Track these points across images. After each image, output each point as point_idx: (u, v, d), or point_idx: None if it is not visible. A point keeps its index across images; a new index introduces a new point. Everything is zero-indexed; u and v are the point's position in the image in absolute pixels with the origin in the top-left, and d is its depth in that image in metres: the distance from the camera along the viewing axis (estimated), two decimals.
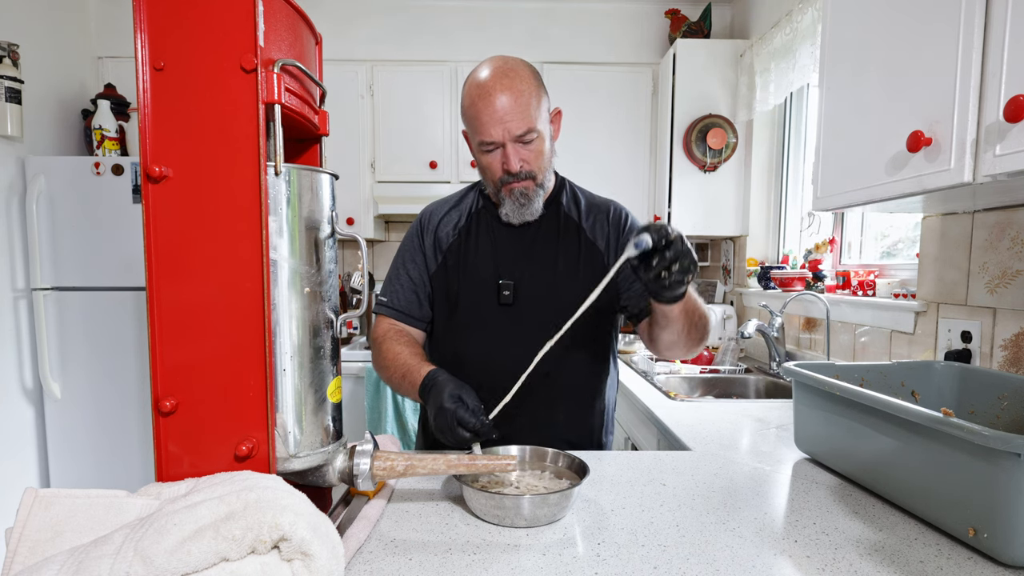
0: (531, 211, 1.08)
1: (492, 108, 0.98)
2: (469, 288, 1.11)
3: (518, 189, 1.05)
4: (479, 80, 1.01)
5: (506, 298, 1.09)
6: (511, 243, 1.13)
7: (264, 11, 0.65)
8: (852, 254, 2.05)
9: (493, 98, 0.98)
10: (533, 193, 1.06)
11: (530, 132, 1.00)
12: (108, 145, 2.42)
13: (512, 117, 0.98)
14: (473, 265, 1.12)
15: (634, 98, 2.76)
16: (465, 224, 1.15)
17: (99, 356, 2.30)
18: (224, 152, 0.65)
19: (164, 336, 0.66)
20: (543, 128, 1.03)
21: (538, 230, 1.13)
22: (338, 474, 0.78)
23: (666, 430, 1.36)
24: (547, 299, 1.09)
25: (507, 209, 1.08)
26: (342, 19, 2.75)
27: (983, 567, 0.69)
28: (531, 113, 1.00)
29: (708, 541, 0.75)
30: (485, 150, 1.03)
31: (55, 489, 0.61)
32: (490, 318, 1.10)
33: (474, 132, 1.04)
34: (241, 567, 0.54)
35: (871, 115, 1.10)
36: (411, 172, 2.72)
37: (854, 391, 0.89)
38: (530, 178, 1.04)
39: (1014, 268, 1.20)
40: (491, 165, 1.04)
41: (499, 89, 0.98)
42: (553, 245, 1.12)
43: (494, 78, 1.00)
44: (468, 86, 1.03)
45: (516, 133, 1.00)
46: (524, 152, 1.02)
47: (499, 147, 1.02)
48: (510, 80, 0.99)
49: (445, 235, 1.15)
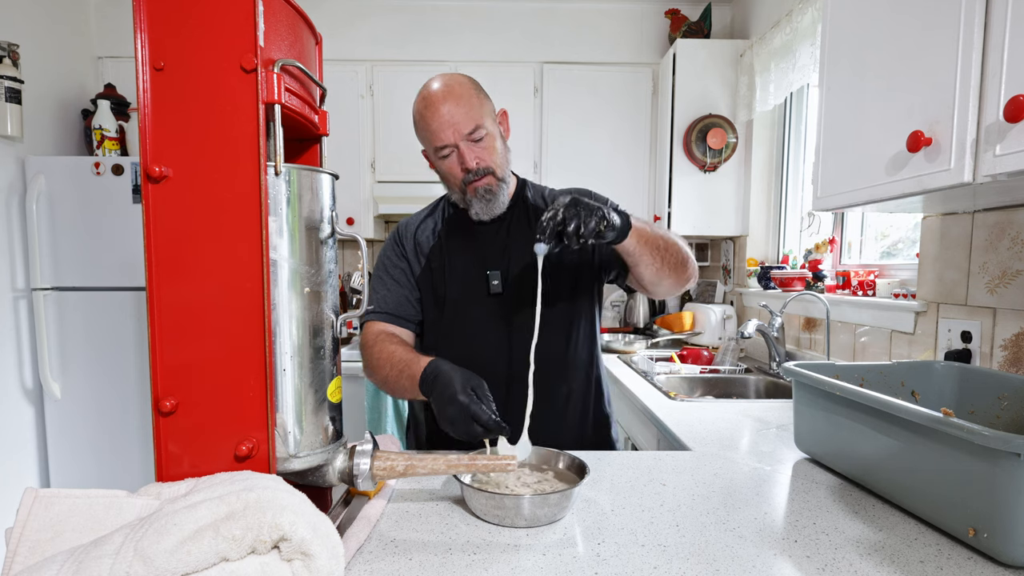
0: (498, 205, 1.13)
1: (439, 115, 1.06)
2: (457, 283, 1.15)
3: (481, 187, 1.10)
4: (423, 96, 1.09)
5: (495, 287, 1.13)
6: (489, 237, 1.18)
7: (264, 11, 0.65)
8: (852, 254, 2.05)
9: (438, 106, 1.06)
10: (496, 188, 1.12)
11: (478, 129, 1.07)
12: (108, 145, 2.42)
13: (459, 119, 1.06)
14: (457, 262, 1.16)
15: (634, 98, 2.76)
16: (443, 227, 1.21)
17: (99, 356, 2.30)
18: (224, 152, 0.65)
19: (164, 336, 0.66)
20: (491, 128, 1.10)
21: (511, 223, 1.18)
22: (338, 474, 0.78)
23: (666, 430, 1.36)
24: (533, 280, 1.10)
25: (476, 208, 1.13)
26: (342, 19, 2.75)
27: (983, 567, 0.69)
28: (475, 113, 1.07)
29: (708, 541, 0.75)
30: (442, 156, 1.09)
31: (55, 489, 0.61)
32: (482, 309, 1.14)
33: (429, 142, 1.10)
34: (241, 567, 0.54)
35: (871, 115, 1.10)
36: (411, 172, 2.72)
37: (854, 391, 0.89)
38: (489, 173, 1.10)
39: (1014, 268, 1.20)
40: (451, 169, 1.10)
41: (442, 99, 1.06)
42: (526, 233, 1.16)
43: (436, 91, 1.08)
44: (415, 105, 1.11)
45: (465, 131, 1.06)
46: (477, 150, 1.08)
47: (453, 149, 1.08)
48: (450, 89, 1.08)
49: (425, 239, 1.20)
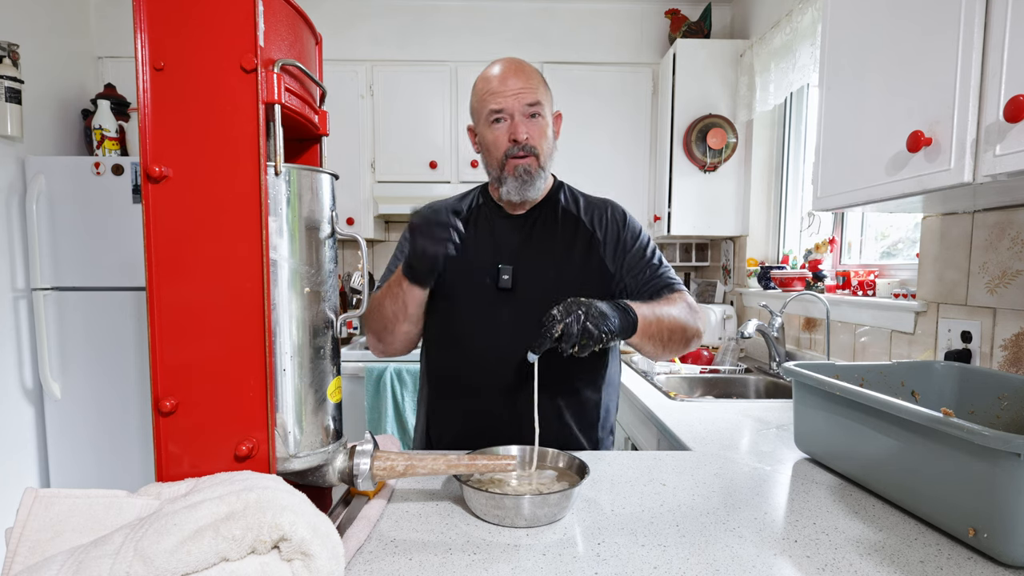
0: (533, 189, 1.11)
1: (505, 82, 1.07)
2: (468, 274, 1.13)
3: (522, 165, 1.09)
4: (492, 65, 1.11)
5: (505, 282, 1.11)
6: (510, 231, 1.16)
7: (264, 11, 0.65)
8: (852, 254, 2.05)
9: (507, 74, 1.08)
10: (536, 171, 1.10)
11: (537, 105, 1.08)
12: (108, 145, 2.42)
13: (522, 90, 1.07)
14: (472, 253, 1.14)
15: (634, 98, 2.76)
16: (465, 217, 1.18)
17: (99, 356, 2.30)
18: (224, 152, 0.65)
19: (164, 336, 0.66)
20: (547, 115, 1.11)
21: (536, 220, 1.16)
22: (338, 474, 0.78)
23: (666, 430, 1.36)
24: (545, 283, 1.11)
25: (508, 187, 1.11)
26: (342, 19, 2.75)
27: (983, 567, 0.69)
28: (538, 94, 1.09)
29: (708, 541, 0.75)
30: (493, 120, 1.09)
31: (55, 489, 0.61)
32: (489, 303, 1.12)
33: (485, 105, 1.09)
34: (241, 567, 0.54)
35: (871, 115, 1.10)
36: (411, 172, 2.72)
37: (854, 391, 0.89)
38: (534, 154, 1.09)
39: (1014, 268, 1.20)
40: (498, 139, 1.09)
41: (512, 71, 1.08)
42: (552, 233, 1.15)
43: (507, 63, 1.10)
44: (481, 74, 1.12)
45: (525, 102, 1.07)
46: (530, 125, 1.08)
47: (508, 118, 1.08)
48: (521, 67, 1.10)
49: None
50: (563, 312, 0.90)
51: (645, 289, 1.14)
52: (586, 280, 1.12)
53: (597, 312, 0.91)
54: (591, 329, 0.89)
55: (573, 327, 0.88)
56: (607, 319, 0.91)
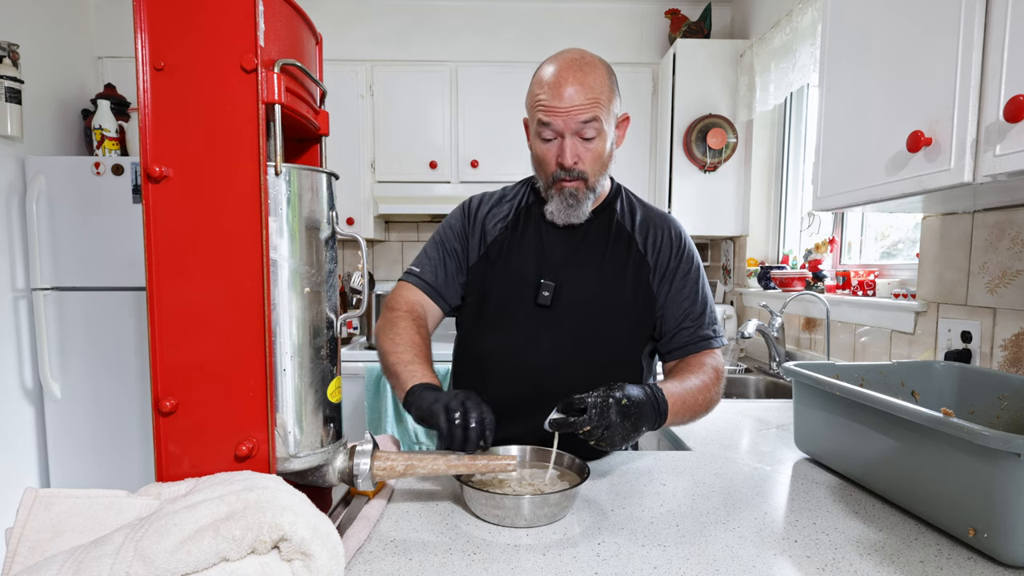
0: (577, 214, 1.04)
1: (560, 93, 0.95)
2: (507, 284, 1.07)
3: (568, 189, 1.01)
4: (553, 63, 0.99)
5: (544, 299, 1.04)
6: (557, 244, 1.08)
7: (264, 11, 0.65)
8: (852, 254, 2.05)
9: (563, 84, 0.95)
10: (583, 196, 1.02)
11: (593, 123, 0.96)
12: (108, 145, 2.42)
13: (578, 105, 0.95)
14: (516, 262, 1.08)
15: (634, 98, 2.76)
16: (513, 219, 1.11)
17: (99, 356, 2.30)
18: (224, 152, 0.65)
19: (164, 336, 0.66)
20: (606, 128, 0.99)
21: (587, 234, 1.08)
22: (338, 474, 0.78)
23: (666, 430, 1.36)
24: (586, 306, 1.05)
25: (553, 207, 1.04)
26: (342, 19, 2.75)
27: (983, 567, 0.69)
28: (597, 107, 0.96)
29: (708, 541, 0.75)
30: (544, 138, 1.00)
31: (55, 489, 0.61)
32: (525, 318, 1.06)
33: (533, 113, 1.00)
34: (241, 567, 0.54)
35: (871, 115, 1.10)
36: (411, 172, 2.72)
37: (854, 391, 0.89)
38: (582, 179, 1.01)
39: (1014, 268, 1.20)
40: (546, 156, 1.01)
41: (571, 77, 0.95)
42: (601, 251, 1.08)
43: (568, 64, 0.97)
44: (538, 72, 1.00)
45: (579, 120, 0.96)
46: (582, 149, 0.99)
47: (558, 137, 0.99)
48: (583, 73, 0.96)
49: (492, 228, 1.11)
50: (596, 415, 0.82)
51: (679, 339, 1.07)
52: (630, 311, 1.06)
53: (630, 425, 0.84)
54: (616, 440, 0.84)
55: (599, 431, 0.82)
56: (637, 431, 0.85)
